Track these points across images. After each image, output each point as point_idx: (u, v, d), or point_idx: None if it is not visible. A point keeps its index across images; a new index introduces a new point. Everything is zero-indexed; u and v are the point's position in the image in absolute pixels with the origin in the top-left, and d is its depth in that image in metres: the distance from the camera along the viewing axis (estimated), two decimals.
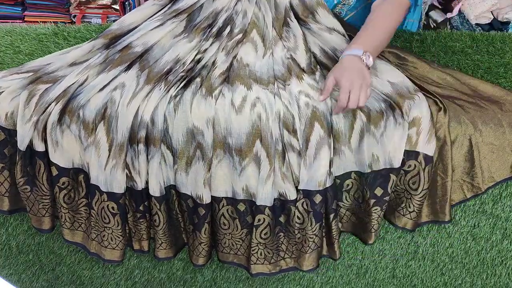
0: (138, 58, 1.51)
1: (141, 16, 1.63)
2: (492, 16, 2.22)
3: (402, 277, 1.64)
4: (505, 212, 1.54)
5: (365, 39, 1.44)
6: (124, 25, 1.61)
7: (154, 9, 1.64)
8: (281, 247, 1.47)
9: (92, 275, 1.69)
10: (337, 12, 1.66)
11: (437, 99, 1.46)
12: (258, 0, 1.60)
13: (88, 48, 1.57)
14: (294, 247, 1.47)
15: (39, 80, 1.48)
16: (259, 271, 1.49)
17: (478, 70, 1.70)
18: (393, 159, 1.39)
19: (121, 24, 1.62)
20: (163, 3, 1.65)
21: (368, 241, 1.50)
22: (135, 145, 1.39)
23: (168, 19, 1.59)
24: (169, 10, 1.63)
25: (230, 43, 1.54)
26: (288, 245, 1.47)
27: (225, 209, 1.44)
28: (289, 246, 1.47)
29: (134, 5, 2.64)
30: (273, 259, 1.48)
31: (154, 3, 1.65)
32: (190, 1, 1.62)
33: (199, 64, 1.51)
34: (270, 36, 1.55)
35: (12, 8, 2.71)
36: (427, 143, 1.40)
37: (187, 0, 1.62)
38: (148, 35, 1.55)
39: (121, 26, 1.61)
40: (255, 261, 1.47)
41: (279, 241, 1.46)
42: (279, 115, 1.38)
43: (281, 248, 1.47)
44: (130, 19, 1.63)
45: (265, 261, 1.48)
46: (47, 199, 1.50)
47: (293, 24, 1.60)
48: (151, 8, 1.64)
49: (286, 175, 1.38)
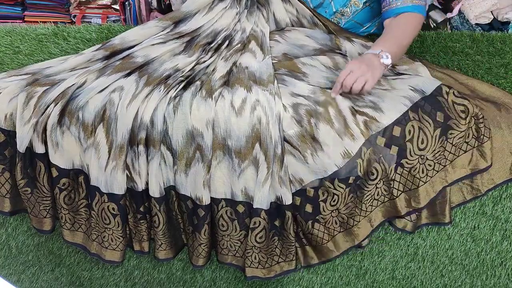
0: (138, 68, 1.52)
1: (143, 35, 1.64)
2: (492, 16, 2.22)
3: (401, 279, 1.64)
4: (505, 213, 1.54)
5: (384, 44, 1.49)
6: (126, 41, 1.62)
7: (157, 30, 1.66)
8: (275, 251, 1.47)
9: (91, 276, 1.69)
10: (335, 22, 1.70)
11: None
12: (256, 20, 1.65)
13: (88, 57, 1.58)
14: (288, 251, 1.47)
15: (37, 82, 1.49)
16: (254, 275, 1.49)
17: (479, 70, 1.69)
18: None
19: (123, 40, 1.63)
20: (166, 25, 1.67)
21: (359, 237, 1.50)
22: (135, 146, 1.39)
23: (170, 39, 1.61)
24: (171, 32, 1.65)
25: (229, 52, 1.56)
26: (282, 249, 1.47)
27: (224, 210, 1.44)
28: (283, 250, 1.47)
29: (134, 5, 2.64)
30: (268, 264, 1.48)
31: (156, 25, 1.67)
32: (193, 26, 1.64)
33: (199, 71, 1.52)
34: (267, 43, 1.59)
35: (12, 8, 2.71)
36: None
37: (190, 25, 1.65)
38: (150, 49, 1.57)
39: (123, 42, 1.62)
40: (249, 265, 1.48)
41: (274, 245, 1.46)
42: (279, 117, 1.38)
43: (275, 252, 1.47)
44: (133, 37, 1.64)
45: (259, 266, 1.48)
46: (47, 200, 1.51)
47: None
48: (153, 29, 1.66)
49: (283, 180, 1.38)
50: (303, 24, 1.70)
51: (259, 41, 1.59)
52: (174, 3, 2.46)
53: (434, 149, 1.39)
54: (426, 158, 1.39)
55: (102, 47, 1.62)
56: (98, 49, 1.61)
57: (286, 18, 1.69)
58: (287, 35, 1.64)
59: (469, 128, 1.41)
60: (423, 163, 1.39)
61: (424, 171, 1.40)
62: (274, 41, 1.62)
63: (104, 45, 1.63)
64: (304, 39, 1.62)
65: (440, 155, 1.41)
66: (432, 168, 1.41)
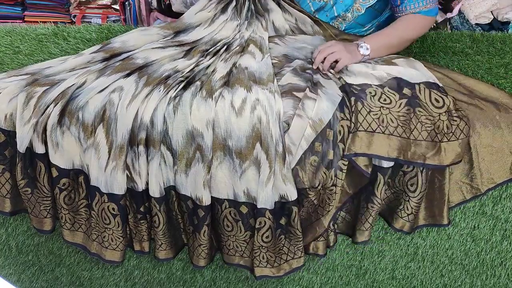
0: (138, 69, 1.52)
1: (144, 40, 1.66)
2: (492, 16, 2.22)
3: (401, 279, 1.64)
4: (504, 213, 1.54)
5: (370, 38, 1.61)
6: (126, 46, 1.63)
7: (158, 37, 1.68)
8: (283, 249, 1.47)
9: (91, 276, 1.69)
10: (336, 26, 1.72)
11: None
12: (255, 29, 1.68)
13: (87, 58, 1.58)
14: (296, 247, 1.47)
15: (36, 82, 1.49)
16: (263, 274, 1.49)
17: (479, 70, 1.69)
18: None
19: (123, 44, 1.64)
20: (167, 34, 1.69)
21: (355, 239, 1.51)
22: (135, 146, 1.39)
23: (170, 46, 1.63)
24: (172, 39, 1.67)
25: (229, 54, 1.58)
26: (289, 246, 1.47)
27: (227, 211, 1.44)
28: (291, 247, 1.47)
29: (134, 5, 2.64)
30: (276, 262, 1.48)
31: (158, 32, 1.69)
32: (194, 37, 1.67)
33: (199, 71, 1.52)
34: (267, 45, 1.61)
35: (12, 8, 2.71)
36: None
37: (191, 36, 1.68)
38: (150, 52, 1.58)
39: (123, 46, 1.63)
40: (258, 264, 1.48)
41: (281, 244, 1.46)
42: (279, 115, 1.38)
43: (283, 251, 1.47)
44: (133, 41, 1.65)
45: (268, 265, 1.48)
46: (48, 201, 1.51)
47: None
48: (154, 36, 1.68)
49: (287, 176, 1.38)
50: (303, 30, 1.71)
51: (257, 44, 1.61)
52: (174, 3, 2.46)
53: (399, 111, 1.40)
54: (389, 111, 1.39)
55: (101, 49, 1.62)
56: (97, 51, 1.61)
57: (285, 25, 1.72)
58: (286, 38, 1.67)
59: (440, 120, 1.40)
60: (386, 114, 1.39)
61: (385, 122, 1.39)
62: (273, 44, 1.63)
63: (104, 47, 1.63)
64: (303, 44, 1.64)
65: (405, 121, 1.39)
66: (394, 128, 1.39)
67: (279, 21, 1.72)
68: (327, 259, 1.60)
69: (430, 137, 1.39)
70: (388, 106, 1.40)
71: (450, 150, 1.40)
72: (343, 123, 1.38)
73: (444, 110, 1.40)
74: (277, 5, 1.73)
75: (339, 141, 1.38)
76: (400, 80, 1.47)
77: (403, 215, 1.48)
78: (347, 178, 1.42)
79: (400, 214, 1.48)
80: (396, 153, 1.39)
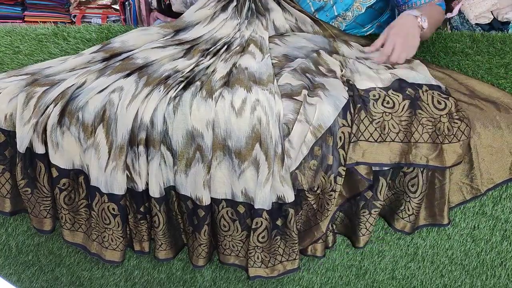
0: (138, 69, 1.52)
1: (144, 40, 1.67)
2: (492, 16, 2.22)
3: (401, 279, 1.64)
4: (504, 213, 1.54)
5: (423, 12, 1.55)
6: (126, 45, 1.64)
7: (158, 36, 1.69)
8: (278, 250, 1.47)
9: (91, 276, 1.69)
10: (336, 25, 1.72)
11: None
12: (255, 28, 1.68)
13: (87, 58, 1.58)
14: (291, 249, 1.47)
15: (36, 82, 1.49)
16: (257, 274, 1.49)
17: (479, 70, 1.69)
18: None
19: (123, 44, 1.65)
20: (167, 33, 1.70)
21: (356, 244, 1.51)
22: (135, 147, 1.39)
23: (170, 45, 1.64)
24: (172, 38, 1.68)
25: (229, 54, 1.59)
26: (285, 248, 1.47)
27: (224, 210, 1.44)
28: (286, 249, 1.47)
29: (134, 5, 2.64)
30: (270, 263, 1.48)
31: (158, 32, 1.70)
32: (193, 35, 1.68)
33: (199, 71, 1.53)
34: (267, 45, 1.61)
35: (12, 8, 2.72)
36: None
37: (191, 34, 1.69)
38: (150, 52, 1.59)
39: (123, 46, 1.64)
40: (252, 265, 1.48)
41: (276, 245, 1.46)
42: (279, 117, 1.38)
43: (278, 252, 1.47)
44: (133, 41, 1.66)
45: (262, 265, 1.48)
46: (48, 201, 1.51)
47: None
48: (155, 35, 1.69)
49: (285, 178, 1.38)
50: (303, 30, 1.72)
51: (258, 44, 1.61)
52: (174, 3, 2.46)
53: (401, 116, 1.39)
54: (392, 117, 1.38)
55: (101, 49, 1.62)
56: (97, 51, 1.62)
57: (286, 24, 1.73)
58: (286, 39, 1.67)
59: (440, 122, 1.39)
60: (388, 120, 1.38)
61: (386, 129, 1.38)
62: (273, 44, 1.64)
63: (104, 47, 1.63)
64: (304, 42, 1.64)
65: (406, 125, 1.39)
66: (395, 133, 1.39)
67: (279, 20, 1.72)
68: (327, 259, 1.60)
69: (431, 139, 1.39)
70: (390, 111, 1.39)
71: (451, 151, 1.40)
72: (344, 129, 1.38)
73: (446, 112, 1.40)
74: (278, 4, 1.74)
75: (339, 148, 1.38)
76: (404, 82, 1.46)
77: (404, 215, 1.48)
78: (345, 182, 1.42)
79: (401, 215, 1.48)
80: (398, 158, 1.39)
